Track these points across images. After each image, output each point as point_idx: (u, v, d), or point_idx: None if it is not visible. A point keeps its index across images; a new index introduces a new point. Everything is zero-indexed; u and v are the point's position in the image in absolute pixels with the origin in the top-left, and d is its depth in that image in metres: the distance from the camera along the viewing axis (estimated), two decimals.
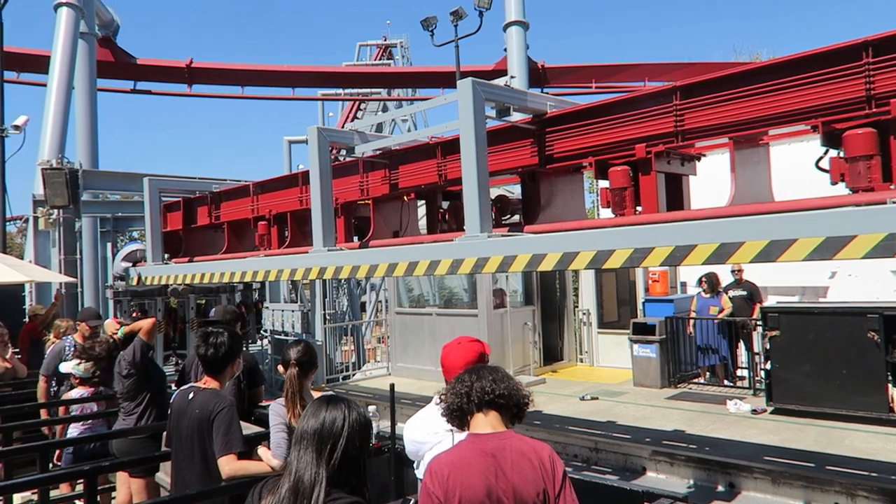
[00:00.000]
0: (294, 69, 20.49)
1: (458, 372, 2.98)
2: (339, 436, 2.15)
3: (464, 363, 3.02)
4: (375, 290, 20.39)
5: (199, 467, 3.60)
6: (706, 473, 6.23)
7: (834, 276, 10.28)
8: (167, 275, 8.74)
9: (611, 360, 11.69)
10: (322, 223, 5.84)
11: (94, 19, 15.54)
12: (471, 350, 3.14)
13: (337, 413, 2.20)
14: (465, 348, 3.15)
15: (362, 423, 2.22)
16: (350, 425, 2.18)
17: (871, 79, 3.37)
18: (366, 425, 2.24)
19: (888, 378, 7.26)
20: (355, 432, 2.18)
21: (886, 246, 3.00)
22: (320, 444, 2.14)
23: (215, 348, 3.73)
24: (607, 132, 4.49)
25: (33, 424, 6.38)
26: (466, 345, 3.17)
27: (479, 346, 3.17)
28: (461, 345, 3.17)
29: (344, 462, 2.14)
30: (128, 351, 5.20)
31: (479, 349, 3.15)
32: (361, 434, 2.21)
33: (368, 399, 9.40)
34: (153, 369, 5.45)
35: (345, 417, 2.19)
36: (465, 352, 3.13)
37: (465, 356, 3.10)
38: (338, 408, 2.22)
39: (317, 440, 2.15)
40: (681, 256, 3.71)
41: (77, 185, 11.78)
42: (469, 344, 3.17)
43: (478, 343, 3.19)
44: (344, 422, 2.18)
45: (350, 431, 2.17)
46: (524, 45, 16.84)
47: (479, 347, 3.16)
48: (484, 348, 3.17)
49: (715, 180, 4.81)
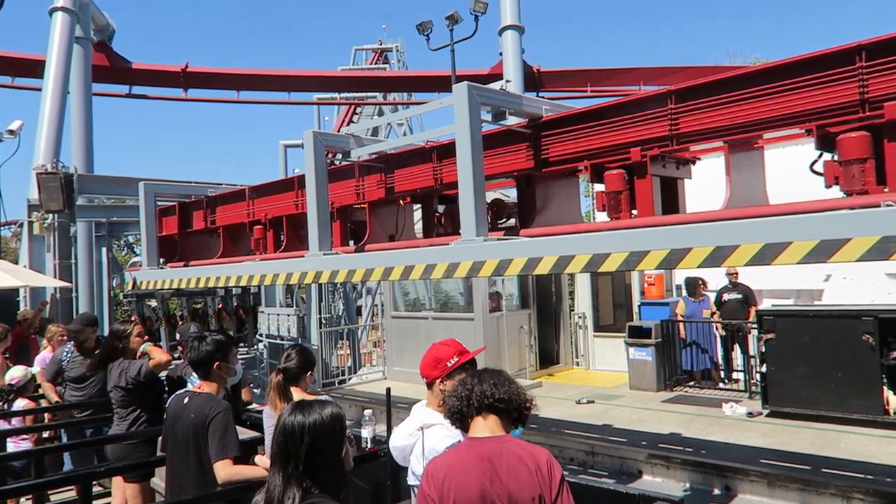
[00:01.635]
0: (290, 73, 20.48)
1: (427, 368, 3.01)
2: (299, 446, 2.14)
3: (431, 360, 3.03)
4: (371, 294, 20.38)
5: (195, 472, 3.59)
6: (702, 476, 6.24)
7: (829, 279, 10.31)
8: (163, 279, 8.71)
9: (607, 364, 11.70)
10: (318, 227, 5.84)
11: (89, 24, 15.52)
12: (443, 346, 3.12)
13: (295, 421, 2.19)
14: (437, 346, 3.13)
15: (326, 423, 2.20)
16: (311, 431, 2.16)
17: (865, 82, 3.39)
18: (331, 426, 2.21)
19: (883, 380, 7.28)
20: (318, 435, 2.16)
21: (881, 249, 3.00)
22: (286, 458, 2.14)
23: (197, 350, 3.80)
24: (603, 136, 4.50)
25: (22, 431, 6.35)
26: (439, 344, 3.15)
27: (455, 345, 3.14)
28: (434, 345, 3.16)
29: (312, 465, 2.13)
30: (132, 369, 5.19)
31: (454, 347, 3.11)
32: (326, 434, 2.18)
33: (364, 403, 9.39)
34: (154, 388, 5.44)
35: (303, 424, 2.17)
36: (436, 349, 3.11)
37: (432, 353, 3.09)
38: (297, 415, 2.21)
39: (282, 456, 2.15)
40: (676, 260, 3.71)
41: (72, 189, 11.74)
42: (442, 343, 3.16)
43: (454, 343, 3.16)
44: (304, 429, 2.16)
45: (312, 437, 2.15)
46: (520, 49, 16.86)
47: (454, 345, 3.13)
48: (459, 347, 3.13)
49: (710, 184, 4.82)
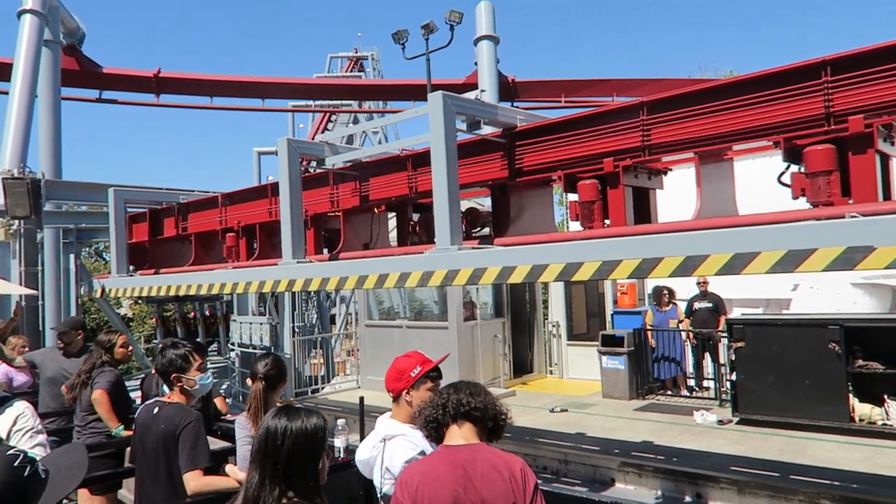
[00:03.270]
0: (264, 80, 20.35)
1: (391, 381, 3.00)
2: (279, 449, 2.14)
3: (395, 373, 3.03)
4: (345, 303, 20.24)
5: (165, 483, 3.52)
6: (674, 484, 6.30)
7: (796, 289, 10.51)
8: (132, 287, 8.58)
9: (580, 372, 11.77)
10: (291, 235, 5.80)
11: (58, 27, 15.27)
12: (403, 359, 3.12)
13: (279, 424, 2.19)
14: (398, 360, 3.13)
15: (308, 432, 2.20)
16: (293, 436, 2.16)
17: (830, 97, 3.47)
18: (312, 434, 2.21)
19: (849, 388, 7.43)
20: (299, 443, 2.16)
21: (846, 258, 3.08)
22: (264, 459, 2.14)
23: (160, 361, 3.79)
24: (576, 146, 4.55)
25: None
26: (400, 357, 3.15)
27: (416, 355, 3.14)
28: (396, 358, 3.16)
29: (290, 474, 2.13)
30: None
31: (416, 357, 3.12)
32: (307, 444, 2.18)
33: (338, 413, 9.31)
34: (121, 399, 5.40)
35: (287, 428, 2.17)
36: (397, 361, 3.12)
37: (394, 367, 3.09)
38: (281, 419, 2.21)
39: (261, 456, 2.15)
40: (648, 269, 3.75)
41: (39, 195, 11.50)
42: (403, 356, 3.16)
43: (415, 354, 3.17)
44: (286, 433, 2.16)
45: (293, 442, 2.15)
46: (494, 59, 16.98)
47: (415, 356, 3.13)
48: (420, 357, 3.13)
49: (681, 195, 4.90)
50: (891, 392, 7.35)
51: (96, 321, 25.69)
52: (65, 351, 6.35)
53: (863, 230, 3.07)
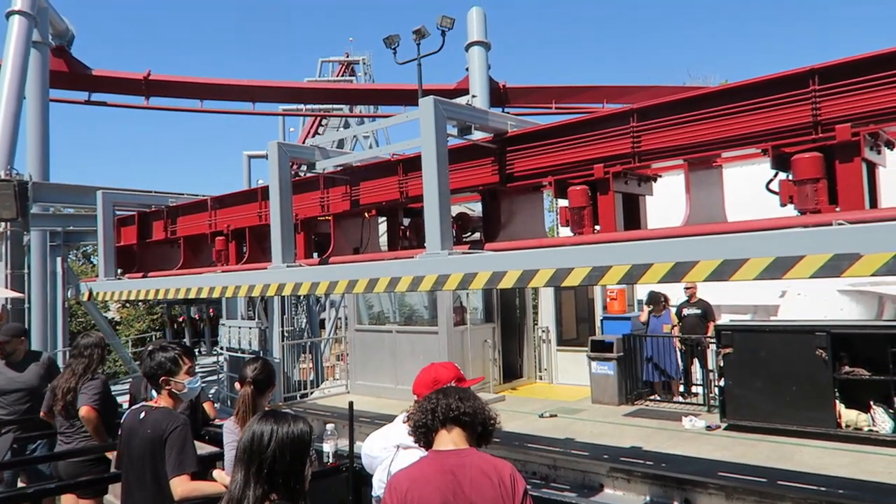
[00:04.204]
0: (254, 84, 20.28)
1: (423, 387, 2.99)
2: (265, 450, 2.14)
3: (430, 380, 3.03)
4: (335, 307, 20.20)
5: (151, 489, 3.49)
6: (662, 489, 6.31)
7: (784, 295, 10.57)
8: (120, 290, 8.52)
9: (569, 378, 11.79)
10: (281, 239, 5.78)
11: (47, 28, 15.16)
12: (442, 368, 3.13)
13: (266, 427, 2.19)
14: (436, 367, 3.14)
15: (293, 436, 2.20)
16: (278, 440, 2.16)
17: (818, 105, 3.51)
18: (298, 439, 2.21)
19: (836, 394, 7.48)
20: (285, 446, 2.17)
21: (833, 265, 3.10)
22: (249, 460, 2.14)
23: (147, 364, 3.76)
24: (566, 152, 4.57)
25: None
26: (438, 365, 3.16)
27: (454, 369, 3.15)
28: (432, 365, 3.17)
29: (274, 476, 2.12)
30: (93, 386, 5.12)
31: (453, 371, 3.13)
32: (292, 448, 2.18)
33: (327, 417, 9.28)
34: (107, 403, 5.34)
35: (273, 432, 2.18)
36: (434, 369, 3.12)
37: (430, 373, 3.09)
38: (268, 422, 2.21)
39: (246, 456, 2.15)
40: (637, 275, 3.77)
41: (26, 197, 11.40)
42: (441, 364, 3.17)
43: (452, 367, 3.18)
44: (272, 436, 2.16)
45: (279, 446, 2.16)
46: (486, 64, 17.01)
47: (453, 370, 3.14)
48: (458, 373, 3.14)
49: (670, 201, 4.93)
50: (876, 398, 7.40)
51: (83, 325, 25.50)
52: (7, 361, 5.95)
53: (849, 237, 3.09)
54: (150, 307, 22.44)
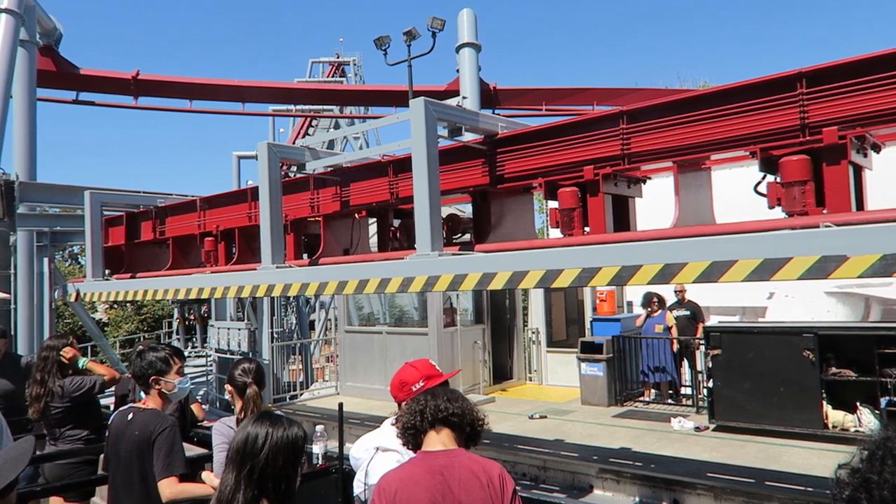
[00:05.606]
0: (244, 84, 20.20)
1: (395, 389, 3.00)
2: (258, 453, 2.13)
3: (398, 382, 3.03)
4: (325, 308, 20.13)
5: (139, 491, 3.47)
6: (651, 490, 6.33)
7: (772, 297, 10.63)
8: (108, 291, 8.46)
9: (559, 379, 11.81)
10: (271, 240, 5.76)
11: (35, 27, 15.05)
12: (411, 368, 3.12)
13: (260, 430, 2.18)
14: (406, 368, 3.14)
15: (288, 441, 2.19)
16: (272, 443, 2.15)
17: (806, 108, 3.54)
18: (292, 444, 2.20)
19: (823, 395, 7.53)
20: (278, 450, 2.15)
21: (820, 267, 3.13)
22: (241, 462, 2.13)
23: (136, 365, 3.74)
24: (556, 154, 4.58)
25: None
26: (409, 365, 3.16)
27: (424, 368, 3.13)
28: (405, 365, 3.17)
29: (265, 480, 2.11)
30: (73, 385, 5.06)
31: (423, 370, 3.11)
32: (285, 451, 2.17)
33: (316, 419, 9.25)
34: (93, 405, 5.31)
35: (268, 435, 2.16)
36: (403, 371, 3.12)
37: (399, 375, 3.10)
38: (263, 425, 2.19)
39: (238, 458, 2.14)
40: (627, 276, 3.78)
41: (13, 197, 11.31)
42: (412, 364, 3.16)
43: (424, 365, 3.16)
44: (266, 439, 2.15)
45: (272, 450, 2.14)
46: (476, 66, 17.03)
47: (423, 369, 3.12)
48: (429, 371, 3.12)
49: (659, 203, 4.95)
50: (863, 399, 7.47)
51: (70, 326, 25.31)
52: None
53: (836, 239, 3.12)
54: (138, 308, 22.32)
